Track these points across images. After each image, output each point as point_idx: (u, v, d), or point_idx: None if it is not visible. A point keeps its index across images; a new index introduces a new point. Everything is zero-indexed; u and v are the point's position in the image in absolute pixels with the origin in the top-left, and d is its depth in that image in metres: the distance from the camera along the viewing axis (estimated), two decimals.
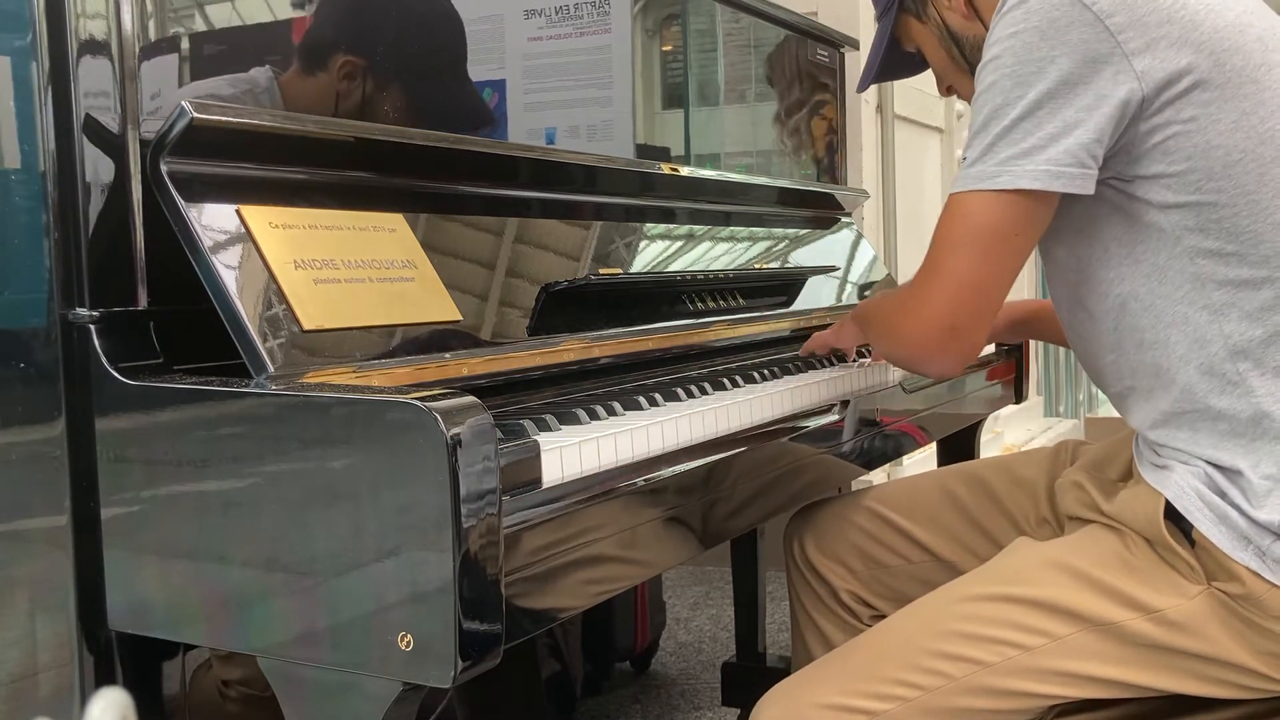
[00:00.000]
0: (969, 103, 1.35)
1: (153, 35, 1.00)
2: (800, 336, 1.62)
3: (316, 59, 1.13)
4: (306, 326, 0.96)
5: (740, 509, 1.19)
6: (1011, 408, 2.19)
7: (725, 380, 1.37)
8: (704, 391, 1.31)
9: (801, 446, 1.29)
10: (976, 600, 1.14)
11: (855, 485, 2.74)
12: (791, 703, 1.16)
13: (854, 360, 1.61)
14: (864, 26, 3.01)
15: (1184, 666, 1.08)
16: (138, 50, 0.97)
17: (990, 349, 1.93)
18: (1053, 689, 1.10)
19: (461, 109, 1.36)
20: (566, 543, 0.92)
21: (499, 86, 1.43)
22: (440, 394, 0.82)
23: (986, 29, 1.18)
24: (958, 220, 1.11)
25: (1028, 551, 1.18)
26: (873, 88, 3.10)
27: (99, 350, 0.93)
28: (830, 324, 1.59)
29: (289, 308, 0.96)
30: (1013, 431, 4.18)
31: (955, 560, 1.41)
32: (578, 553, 0.94)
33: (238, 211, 0.98)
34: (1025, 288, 4.44)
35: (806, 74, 2.15)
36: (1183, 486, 1.09)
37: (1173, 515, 1.09)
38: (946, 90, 1.41)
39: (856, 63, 2.90)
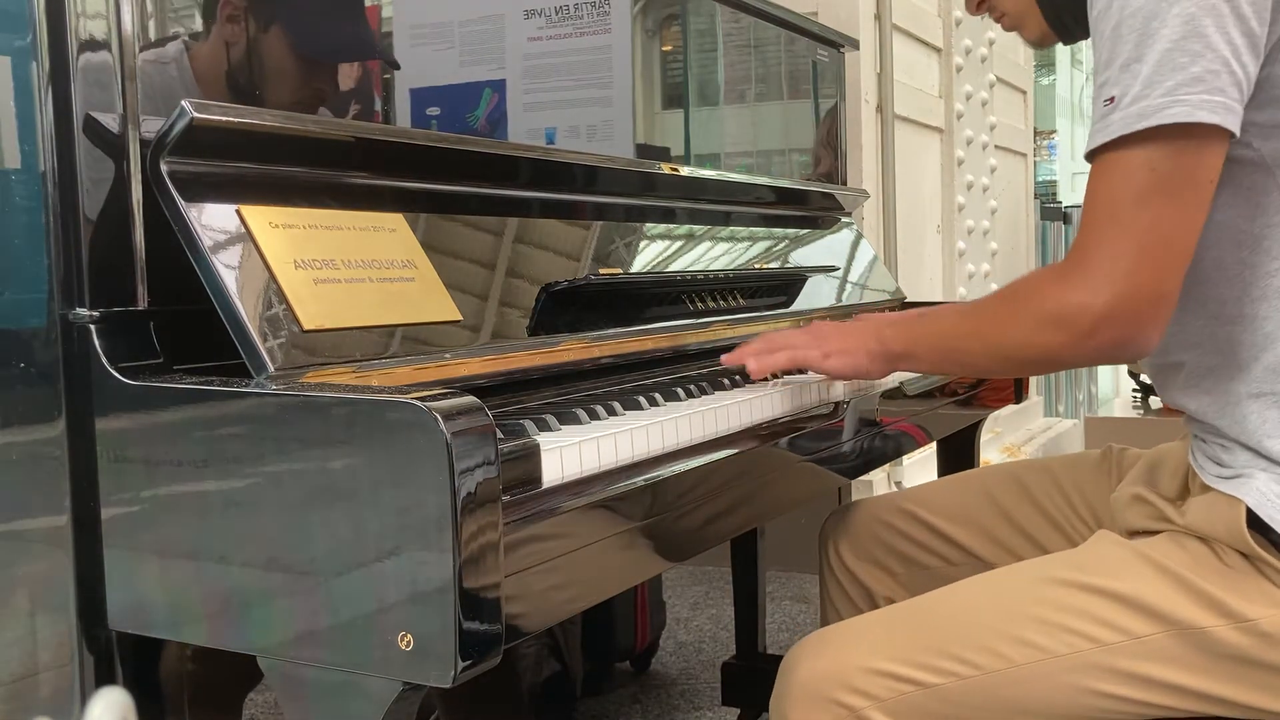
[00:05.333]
0: (1020, 33, 1.26)
1: (153, 35, 1.00)
2: None
3: (209, 13, 1.08)
4: (306, 326, 0.96)
5: (740, 508, 1.19)
6: (1011, 407, 2.19)
7: (725, 380, 1.37)
8: (704, 391, 1.31)
9: (802, 445, 1.29)
10: (1053, 585, 1.08)
11: (855, 485, 2.73)
12: (833, 661, 1.10)
13: (771, 380, 1.39)
14: (864, 26, 3.01)
15: (1266, 682, 1.03)
16: (137, 50, 0.97)
17: None
18: (1119, 690, 1.04)
19: (348, 41, 1.26)
20: (567, 542, 0.92)
21: (499, 86, 1.43)
22: (440, 394, 0.82)
23: None
24: (1137, 169, 1.00)
25: (1113, 543, 1.12)
26: (873, 88, 3.11)
27: (99, 350, 0.93)
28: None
29: (289, 308, 0.96)
30: (1012, 432, 4.18)
31: (997, 562, 1.36)
32: (578, 552, 0.94)
33: (238, 211, 0.98)
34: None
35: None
36: (1265, 493, 1.04)
37: (1256, 524, 1.03)
38: (979, 6, 1.28)
39: (856, 62, 2.91)
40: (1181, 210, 1.00)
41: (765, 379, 1.31)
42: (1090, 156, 1.04)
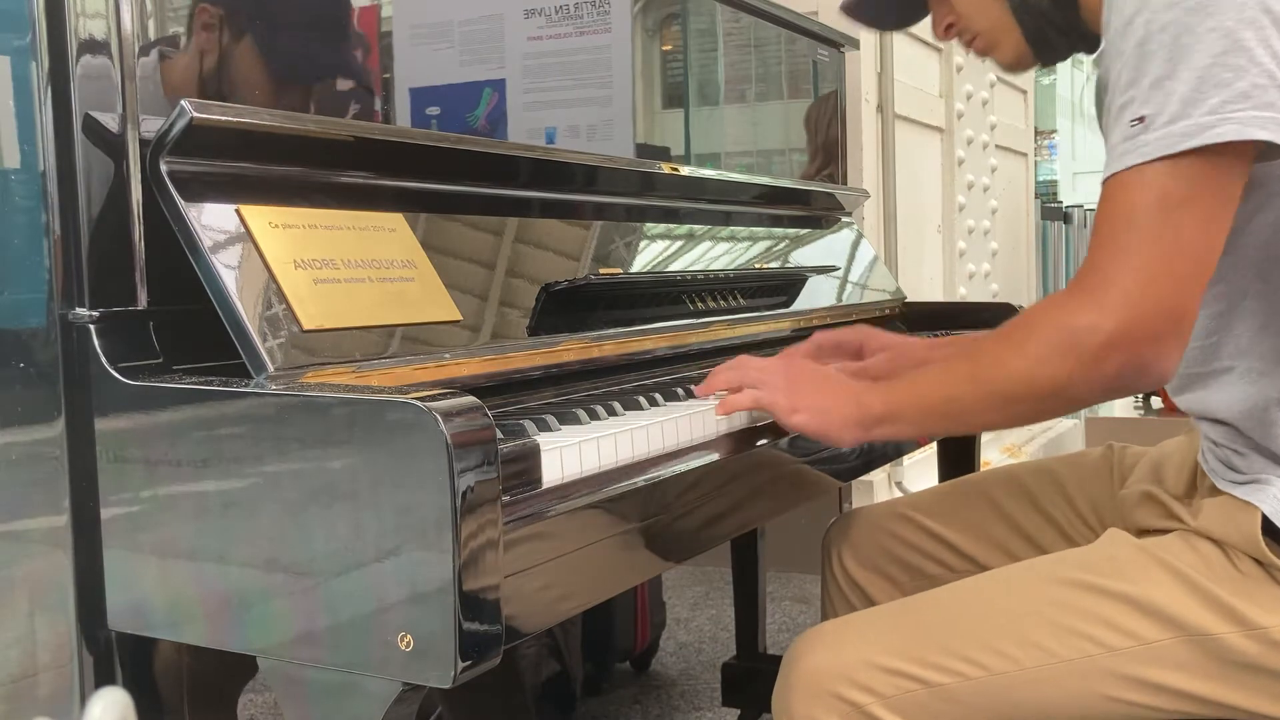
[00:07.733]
0: (994, 55, 1.23)
1: (153, 35, 0.99)
2: (800, 336, 1.61)
3: (188, 21, 1.05)
4: (306, 326, 0.96)
5: (741, 508, 1.19)
6: None
7: None
8: None
9: (802, 445, 1.29)
10: (1063, 585, 1.06)
11: (856, 486, 2.72)
12: (837, 655, 1.09)
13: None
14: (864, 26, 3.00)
15: (1276, 690, 1.02)
16: (137, 50, 0.97)
17: None
18: (1128, 695, 1.03)
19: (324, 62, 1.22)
20: (567, 542, 0.92)
21: (499, 86, 1.43)
22: (440, 394, 0.82)
23: None
24: (1163, 182, 0.96)
25: (1124, 543, 1.10)
26: (874, 88, 3.11)
27: (99, 350, 0.93)
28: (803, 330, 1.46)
29: (289, 307, 0.96)
30: (1013, 431, 4.18)
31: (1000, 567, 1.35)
32: (578, 552, 0.94)
33: (237, 211, 0.98)
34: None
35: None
36: None
37: (1272, 531, 1.02)
38: (945, 30, 1.24)
39: (857, 62, 2.91)
40: (1207, 223, 0.97)
41: None
42: (1109, 176, 1.00)
